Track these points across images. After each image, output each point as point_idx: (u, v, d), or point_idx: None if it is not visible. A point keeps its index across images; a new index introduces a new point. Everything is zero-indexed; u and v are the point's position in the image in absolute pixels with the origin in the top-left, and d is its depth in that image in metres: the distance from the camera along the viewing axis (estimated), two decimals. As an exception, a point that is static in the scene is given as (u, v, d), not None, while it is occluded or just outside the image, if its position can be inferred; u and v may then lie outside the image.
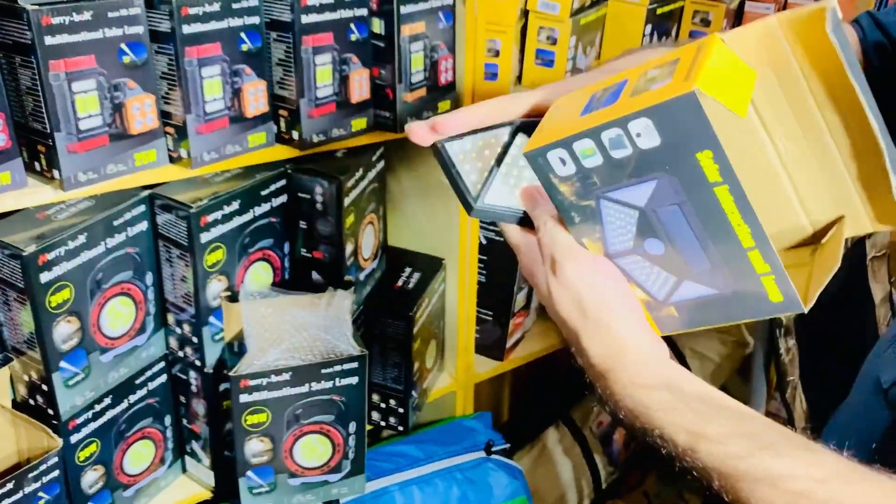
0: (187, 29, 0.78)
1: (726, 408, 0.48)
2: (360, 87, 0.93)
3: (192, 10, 0.78)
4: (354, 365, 0.91)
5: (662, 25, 1.31)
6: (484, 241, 1.21)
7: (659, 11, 1.27)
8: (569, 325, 0.52)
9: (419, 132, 0.55)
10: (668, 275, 0.51)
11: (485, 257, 1.21)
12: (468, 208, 0.57)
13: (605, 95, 0.49)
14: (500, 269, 1.23)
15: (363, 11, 0.90)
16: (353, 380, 0.92)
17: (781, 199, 0.54)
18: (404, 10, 0.91)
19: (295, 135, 0.90)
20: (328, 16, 0.87)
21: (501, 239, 1.25)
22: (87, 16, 0.73)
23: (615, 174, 0.48)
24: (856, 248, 1.30)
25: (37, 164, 0.78)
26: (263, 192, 0.92)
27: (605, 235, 0.52)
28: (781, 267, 0.47)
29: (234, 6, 0.81)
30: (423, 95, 0.98)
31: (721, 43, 0.46)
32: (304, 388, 0.90)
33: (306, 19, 0.85)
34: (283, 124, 0.91)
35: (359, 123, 0.95)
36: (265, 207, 0.93)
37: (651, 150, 0.46)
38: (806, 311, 0.46)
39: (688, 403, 0.47)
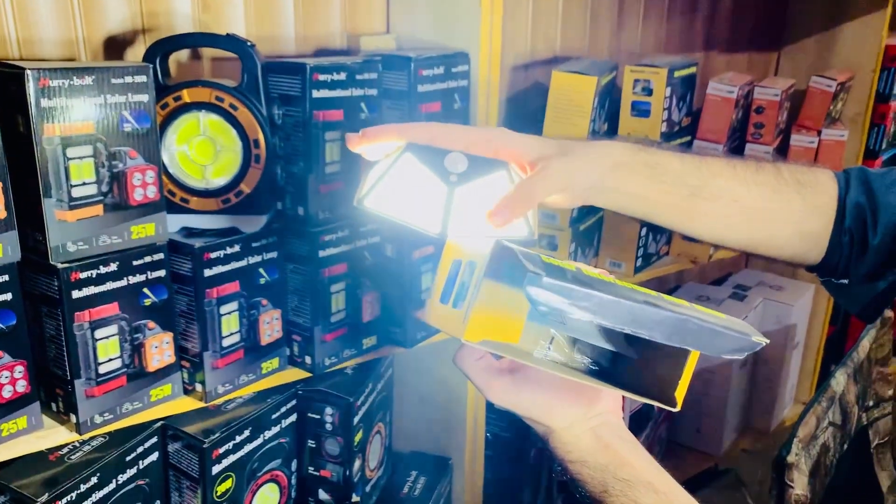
0: (208, 272, 0.81)
1: (621, 479, 0.59)
2: (371, 308, 0.96)
3: (214, 254, 0.81)
4: None
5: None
6: (490, 437, 1.21)
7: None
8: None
9: (352, 139, 0.65)
10: None
11: (490, 453, 1.21)
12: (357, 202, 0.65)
13: (447, 280, 0.57)
14: (505, 464, 1.22)
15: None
16: None
17: None
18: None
19: (308, 359, 0.92)
20: (343, 248, 0.90)
21: (508, 435, 1.25)
22: (113, 267, 0.76)
23: None
24: (859, 437, 1.30)
25: (53, 406, 0.78)
26: (274, 416, 0.93)
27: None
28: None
29: (254, 244, 0.85)
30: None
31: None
32: None
33: (323, 253, 0.88)
34: (296, 348, 0.92)
35: (370, 341, 0.97)
36: (275, 430, 0.93)
37: None
38: (676, 409, 0.56)
39: (592, 475, 0.60)
